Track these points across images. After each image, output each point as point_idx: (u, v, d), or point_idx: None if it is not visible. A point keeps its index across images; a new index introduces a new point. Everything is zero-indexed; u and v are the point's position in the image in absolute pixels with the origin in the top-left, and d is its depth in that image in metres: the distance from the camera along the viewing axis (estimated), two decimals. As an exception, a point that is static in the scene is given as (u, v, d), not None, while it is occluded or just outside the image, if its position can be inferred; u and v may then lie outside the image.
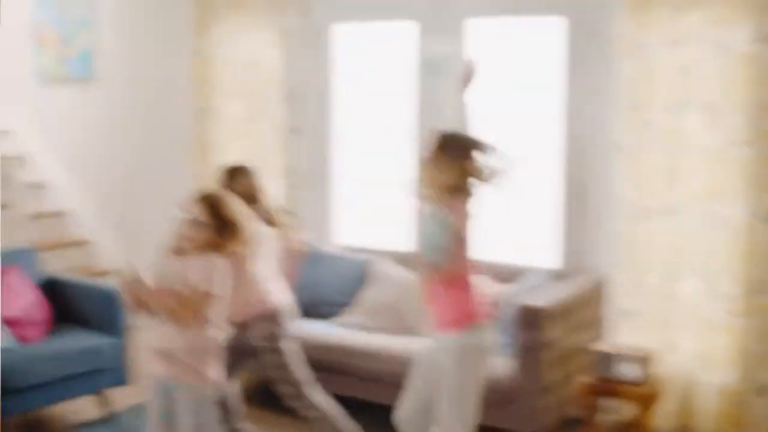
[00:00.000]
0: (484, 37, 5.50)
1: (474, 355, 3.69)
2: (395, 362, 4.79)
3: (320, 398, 4.40)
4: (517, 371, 4.50)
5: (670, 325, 4.90)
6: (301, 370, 4.40)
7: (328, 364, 4.94)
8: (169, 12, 6.79)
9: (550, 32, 5.31)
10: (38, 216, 7.31)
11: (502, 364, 4.53)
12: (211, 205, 3.67)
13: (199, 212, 3.64)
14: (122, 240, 7.19)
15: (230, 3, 6.26)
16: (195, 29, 6.41)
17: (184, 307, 3.56)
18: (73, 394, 5.00)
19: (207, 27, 6.37)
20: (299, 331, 4.67)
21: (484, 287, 4.24)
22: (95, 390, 5.11)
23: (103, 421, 5.16)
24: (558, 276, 5.09)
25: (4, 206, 6.60)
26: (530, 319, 4.45)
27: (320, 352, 4.96)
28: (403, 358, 4.68)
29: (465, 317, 3.67)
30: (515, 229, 5.52)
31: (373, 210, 6.18)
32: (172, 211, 3.82)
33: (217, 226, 3.64)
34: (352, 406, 4.70)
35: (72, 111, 7.06)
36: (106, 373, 5.08)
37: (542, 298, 4.60)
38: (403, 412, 3.89)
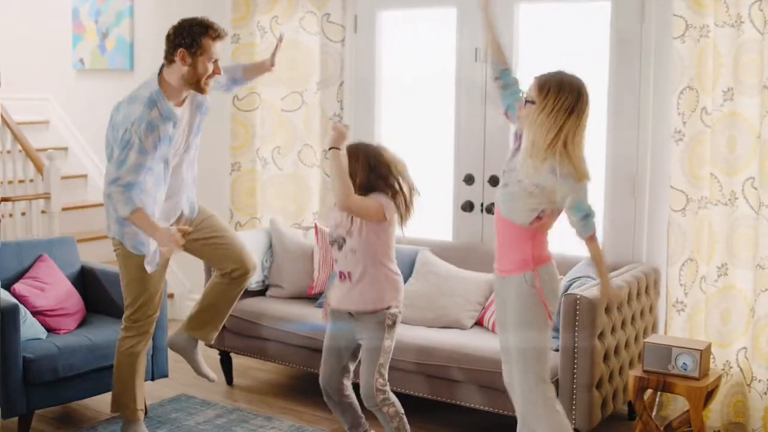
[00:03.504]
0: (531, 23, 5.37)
1: None
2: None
3: None
4: (564, 365, 4.32)
5: (724, 319, 4.71)
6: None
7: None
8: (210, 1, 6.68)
9: (598, 16, 5.15)
10: (76, 207, 7.29)
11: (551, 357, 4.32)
12: None
13: None
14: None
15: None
16: (234, 18, 6.28)
17: None
18: (106, 388, 4.79)
19: (248, 15, 6.25)
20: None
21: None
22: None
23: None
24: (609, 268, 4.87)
25: (42, 197, 6.57)
26: (582, 311, 4.27)
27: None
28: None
29: None
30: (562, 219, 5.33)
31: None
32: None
33: None
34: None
35: (111, 103, 6.99)
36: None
37: (593, 289, 4.39)
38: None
